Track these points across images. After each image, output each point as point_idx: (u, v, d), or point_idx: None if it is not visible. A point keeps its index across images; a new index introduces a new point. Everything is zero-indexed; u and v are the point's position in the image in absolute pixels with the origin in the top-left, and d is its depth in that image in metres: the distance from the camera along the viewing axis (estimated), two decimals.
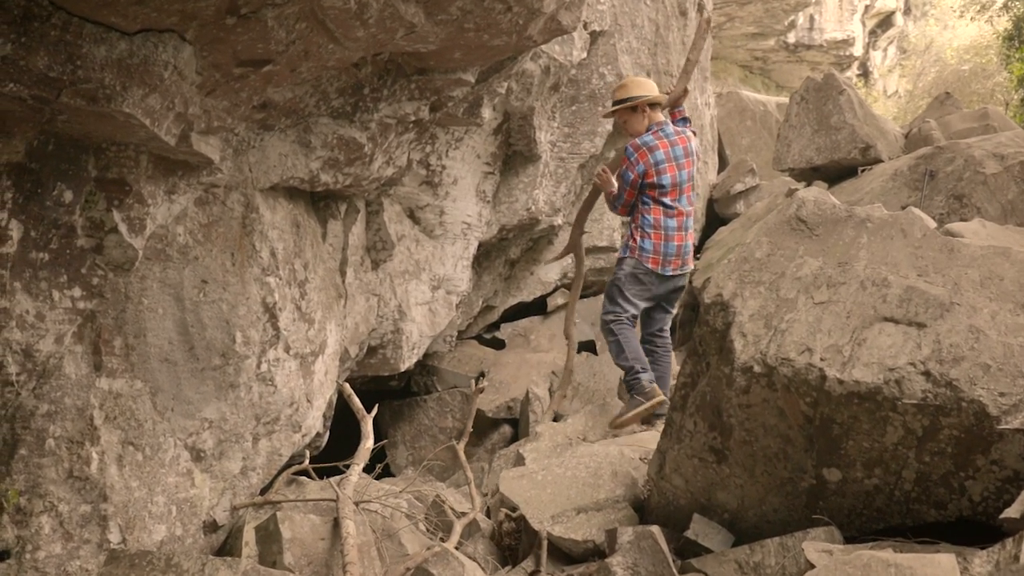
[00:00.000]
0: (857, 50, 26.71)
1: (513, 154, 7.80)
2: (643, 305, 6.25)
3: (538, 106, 7.49)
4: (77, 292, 4.02)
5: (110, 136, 3.76)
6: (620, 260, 6.19)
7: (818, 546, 3.41)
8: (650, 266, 6.02)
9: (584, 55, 7.90)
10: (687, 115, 6.83)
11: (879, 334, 3.57)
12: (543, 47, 6.97)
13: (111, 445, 4.15)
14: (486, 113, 6.40)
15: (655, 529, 3.95)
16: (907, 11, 30.26)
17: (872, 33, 28.61)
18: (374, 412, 5.37)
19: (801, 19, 25.42)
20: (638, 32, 9.32)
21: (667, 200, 6.04)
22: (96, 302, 4.12)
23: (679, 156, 6.12)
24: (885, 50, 29.83)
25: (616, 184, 6.33)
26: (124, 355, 4.27)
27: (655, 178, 6.03)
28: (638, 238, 6.07)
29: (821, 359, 3.57)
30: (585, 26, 7.95)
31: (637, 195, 6.14)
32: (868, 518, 3.72)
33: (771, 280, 3.93)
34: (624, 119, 6.30)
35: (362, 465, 4.75)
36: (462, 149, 6.82)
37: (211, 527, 4.65)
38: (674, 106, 6.71)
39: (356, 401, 5.33)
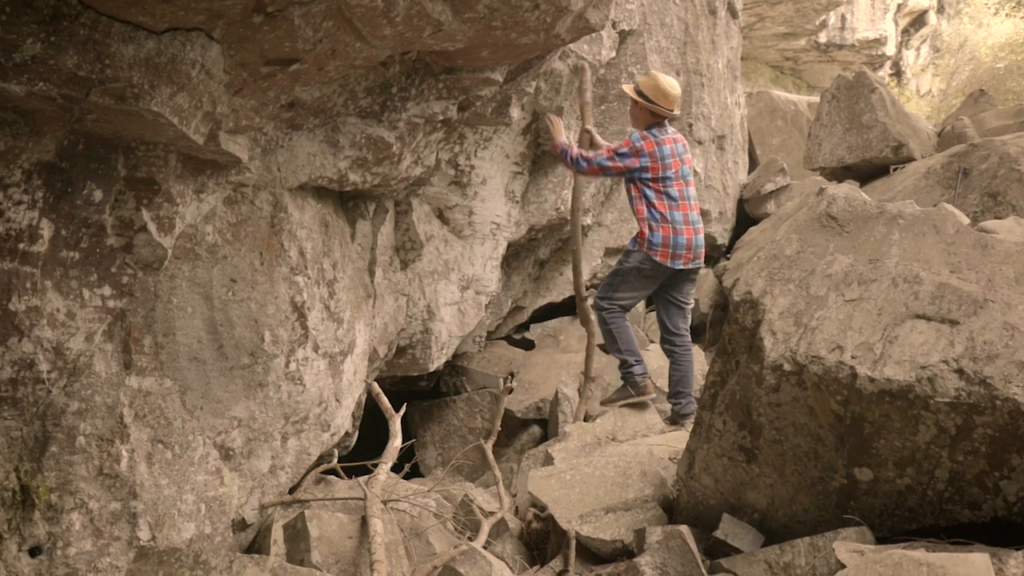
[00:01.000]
0: (889, 49, 26.47)
1: (542, 154, 7.78)
2: (642, 296, 6.47)
3: (567, 106, 7.46)
4: (107, 291, 4.04)
5: (139, 135, 3.77)
6: (628, 252, 6.28)
7: (849, 546, 3.37)
8: (659, 260, 6.09)
9: (613, 54, 7.88)
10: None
11: (911, 331, 3.52)
12: (572, 46, 6.95)
13: (141, 443, 4.17)
14: (515, 113, 6.39)
15: (684, 529, 3.92)
16: (940, 9, 29.96)
17: (905, 32, 28.32)
18: (402, 411, 5.37)
19: (832, 18, 25.21)
20: (667, 31, 9.29)
21: (672, 191, 6.15)
22: (126, 301, 4.14)
23: (680, 152, 6.30)
24: (918, 49, 29.54)
25: (563, 134, 6.64)
26: (153, 353, 4.29)
27: (660, 172, 6.15)
28: (647, 232, 6.13)
29: (852, 357, 3.53)
30: (614, 25, 7.93)
31: (637, 186, 6.24)
32: (900, 518, 3.67)
33: (801, 277, 3.89)
34: (629, 107, 6.57)
35: (390, 464, 4.75)
36: (491, 149, 6.81)
37: (240, 526, 4.66)
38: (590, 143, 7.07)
39: (384, 400, 5.33)
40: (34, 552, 3.77)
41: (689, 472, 4.30)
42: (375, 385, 5.43)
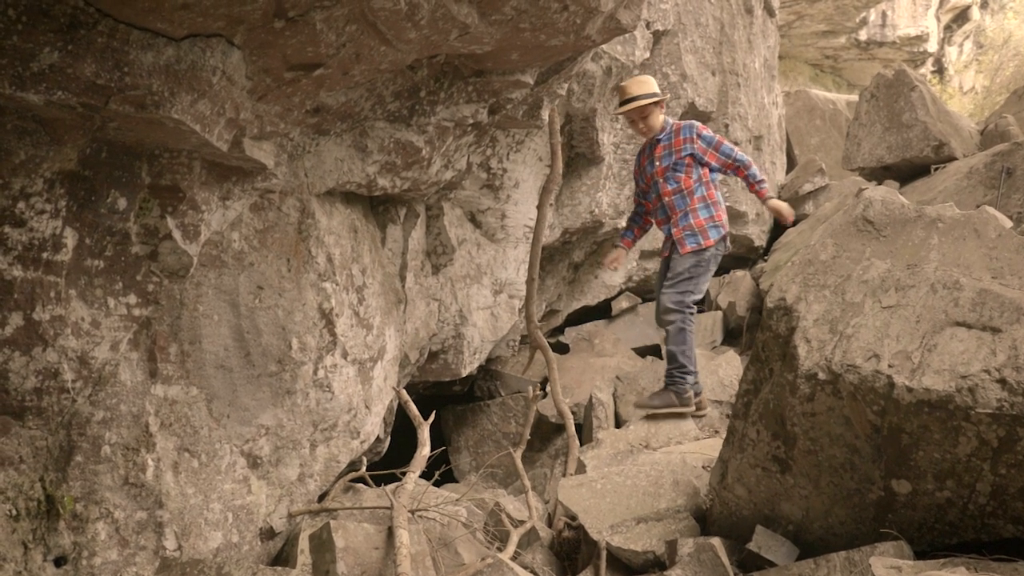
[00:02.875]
0: (931, 46, 26.05)
1: (575, 156, 7.72)
2: None
3: (600, 107, 7.40)
4: (132, 299, 4.02)
5: (162, 143, 3.74)
6: (702, 248, 6.06)
7: (887, 562, 3.26)
8: (728, 241, 6.20)
9: (647, 55, 7.78)
10: None
11: (951, 340, 3.40)
12: (604, 47, 6.88)
13: (167, 452, 4.15)
14: (546, 115, 6.31)
15: (716, 541, 3.82)
16: (984, 5, 29.47)
17: (947, 28, 27.87)
18: (431, 419, 5.30)
19: (873, 16, 24.81)
20: (702, 31, 9.17)
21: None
22: (151, 309, 4.12)
23: None
24: (961, 45, 29.06)
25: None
26: (179, 362, 4.26)
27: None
28: (722, 215, 6.15)
29: (889, 366, 3.42)
30: (648, 25, 7.84)
31: (706, 171, 6.18)
32: (940, 532, 3.55)
33: (836, 283, 3.78)
34: (647, 114, 6.24)
35: (418, 473, 4.68)
36: (523, 152, 6.75)
37: (268, 534, 4.63)
38: None
39: (412, 408, 5.27)
40: (59, 562, 3.75)
41: (722, 482, 4.20)
42: (403, 392, 5.36)
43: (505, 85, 5.31)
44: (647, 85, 6.25)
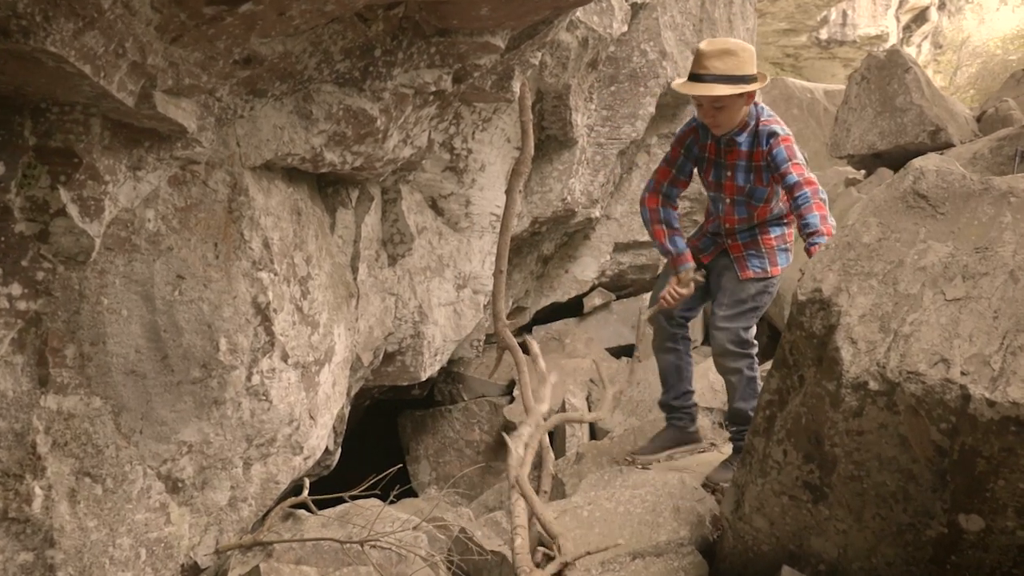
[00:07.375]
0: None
1: (546, 139, 7.08)
2: None
3: (574, 84, 6.75)
4: (16, 289, 3.27)
5: (48, 92, 2.99)
6: (775, 274, 4.66)
7: None
8: None
9: (624, 28, 7.15)
10: None
11: None
12: (581, 16, 6.23)
13: (60, 477, 3.38)
14: (517, 87, 5.61)
15: None
16: (941, 6, 29.64)
17: (906, 28, 28.03)
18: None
19: (834, 15, 25.11)
20: (682, 6, 8.55)
21: None
22: (42, 302, 3.36)
23: None
24: (919, 46, 29.18)
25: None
26: (78, 367, 3.49)
27: None
28: (792, 232, 4.68)
29: (962, 373, 2.74)
30: None
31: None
32: None
33: (885, 271, 3.09)
34: (725, 105, 4.31)
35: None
36: (490, 131, 6.06)
37: (191, 572, 3.89)
38: None
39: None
40: None
41: (736, 511, 3.51)
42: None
43: (472, 48, 4.62)
44: (738, 61, 4.26)
